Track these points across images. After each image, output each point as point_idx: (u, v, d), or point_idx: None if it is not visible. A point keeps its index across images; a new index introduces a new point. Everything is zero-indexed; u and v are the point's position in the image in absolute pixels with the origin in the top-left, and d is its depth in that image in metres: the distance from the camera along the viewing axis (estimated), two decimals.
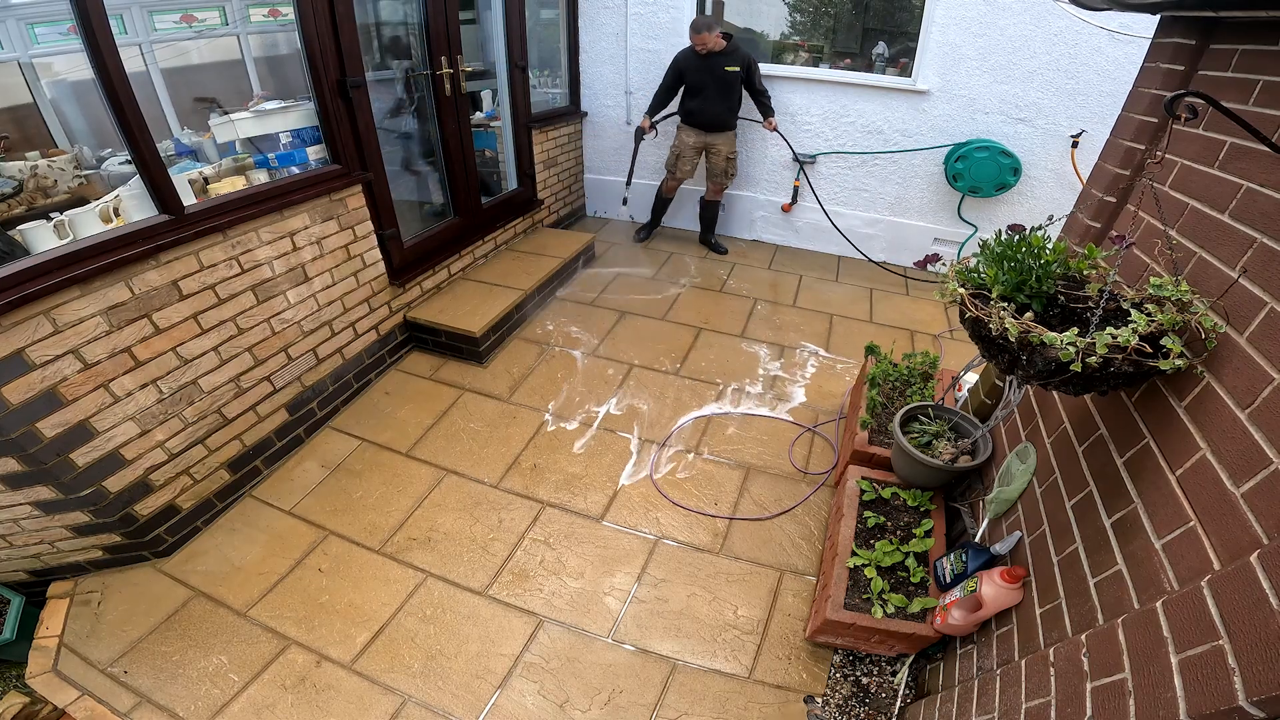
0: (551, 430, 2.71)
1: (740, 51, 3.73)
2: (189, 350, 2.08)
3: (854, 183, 4.22)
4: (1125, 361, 1.02)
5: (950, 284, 1.26)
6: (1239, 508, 0.89)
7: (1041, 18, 3.34)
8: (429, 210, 3.56)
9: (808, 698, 1.77)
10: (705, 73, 3.74)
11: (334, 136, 2.49)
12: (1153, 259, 1.33)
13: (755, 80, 3.83)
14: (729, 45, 3.69)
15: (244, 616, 1.96)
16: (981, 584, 1.47)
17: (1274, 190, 1.03)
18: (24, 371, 1.65)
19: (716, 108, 3.85)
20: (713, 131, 3.96)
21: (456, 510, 2.32)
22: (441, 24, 2.96)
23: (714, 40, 3.63)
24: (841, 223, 4.33)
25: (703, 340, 3.39)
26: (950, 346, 3.44)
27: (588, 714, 1.71)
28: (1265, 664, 0.71)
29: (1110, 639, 0.99)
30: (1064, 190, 3.72)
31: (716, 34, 3.63)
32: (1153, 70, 1.52)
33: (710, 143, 4.00)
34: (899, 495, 2.02)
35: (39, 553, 2.05)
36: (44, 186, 2.35)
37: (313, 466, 2.52)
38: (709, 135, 3.98)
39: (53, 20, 2.65)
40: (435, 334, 3.13)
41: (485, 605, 1.99)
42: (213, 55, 3.36)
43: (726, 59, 3.69)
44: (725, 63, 3.69)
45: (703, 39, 3.61)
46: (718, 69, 3.70)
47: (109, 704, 1.73)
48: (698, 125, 3.96)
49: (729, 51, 3.69)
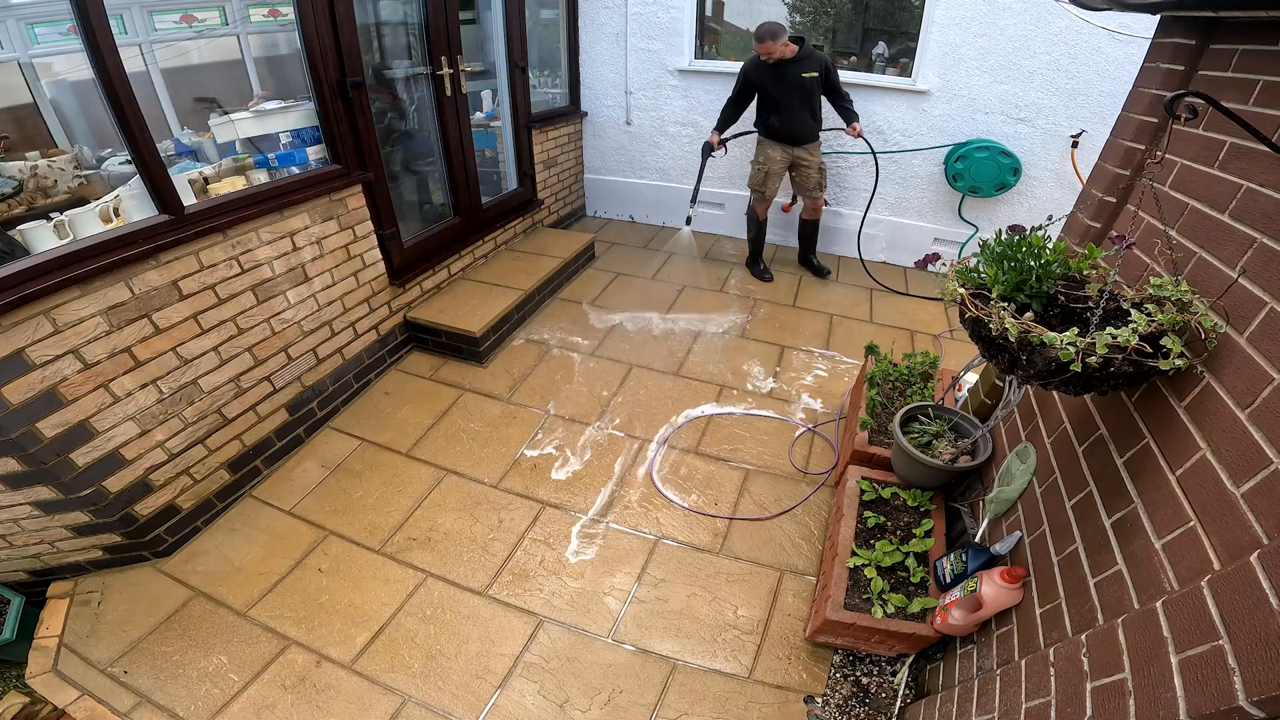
0: (552, 430, 2.71)
1: (815, 55, 3.41)
2: (189, 350, 2.08)
3: (854, 183, 4.22)
4: (1125, 361, 1.02)
5: (950, 284, 1.26)
6: (1239, 508, 0.89)
7: (1041, 18, 3.34)
8: (429, 210, 3.56)
9: (808, 698, 1.77)
10: (782, 82, 3.43)
11: (334, 136, 2.49)
12: (1153, 259, 1.33)
13: (835, 82, 3.50)
14: (802, 50, 3.37)
15: (244, 616, 1.96)
16: (981, 584, 1.47)
17: (1274, 190, 1.03)
18: (24, 371, 1.65)
19: (802, 119, 3.54)
20: (800, 145, 3.65)
21: (456, 510, 2.32)
22: (441, 24, 2.96)
23: (781, 48, 3.32)
24: (842, 223, 4.33)
25: (703, 340, 3.39)
26: (950, 346, 3.44)
27: (588, 714, 1.71)
28: (1265, 664, 0.71)
29: (1110, 639, 0.99)
30: (1064, 190, 3.72)
31: (784, 41, 3.31)
32: (1153, 70, 1.52)
33: (798, 156, 3.68)
34: (899, 495, 2.02)
35: (39, 553, 2.05)
36: (44, 186, 2.35)
37: (313, 466, 2.52)
38: (796, 149, 3.66)
39: (53, 20, 2.65)
40: (435, 334, 3.13)
41: (485, 605, 1.99)
42: (213, 55, 3.36)
43: (802, 65, 3.38)
44: (801, 69, 3.38)
45: (768, 48, 3.30)
46: (794, 77, 3.40)
47: (109, 704, 1.73)
48: (783, 140, 3.64)
49: (803, 57, 3.37)
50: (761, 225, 4.03)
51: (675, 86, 4.31)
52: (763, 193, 3.83)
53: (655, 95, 4.39)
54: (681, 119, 4.41)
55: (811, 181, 3.77)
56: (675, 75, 4.26)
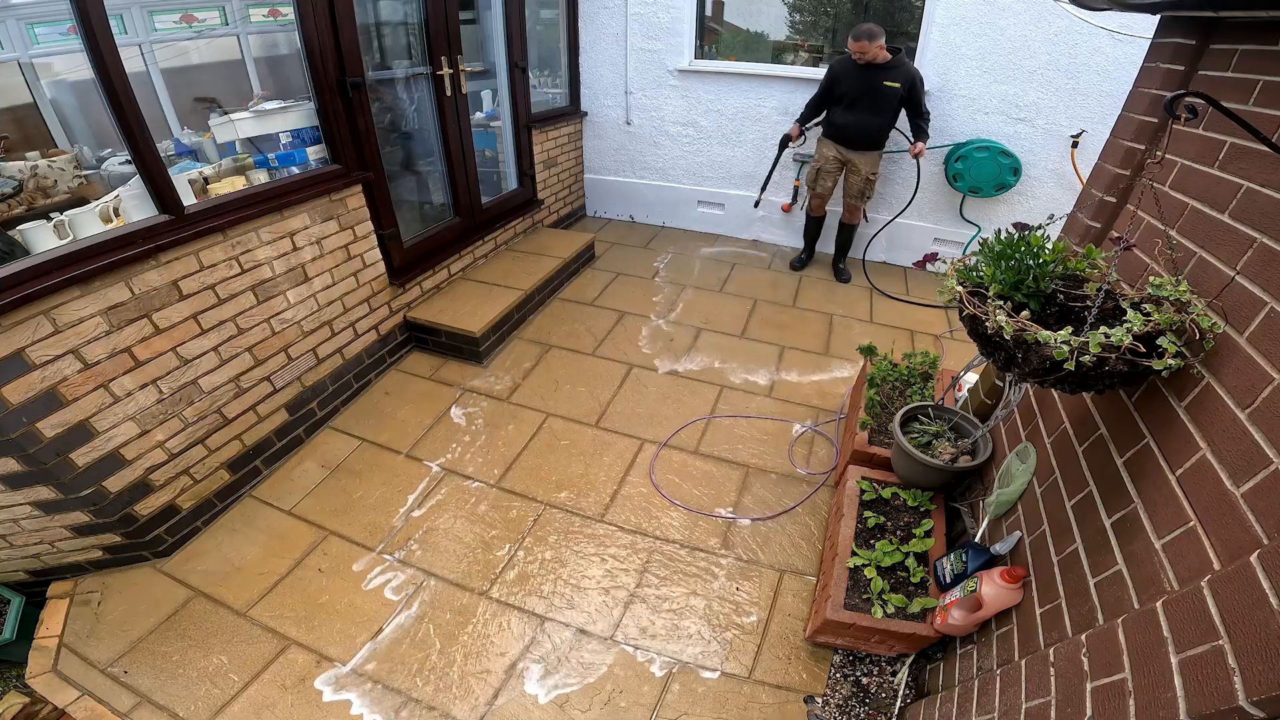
0: (552, 430, 2.71)
1: (906, 67, 3.39)
2: (189, 350, 2.08)
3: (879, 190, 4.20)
4: (1120, 361, 1.02)
5: (949, 281, 1.27)
6: (1239, 508, 0.89)
7: (1041, 18, 3.34)
8: (429, 210, 3.56)
9: (808, 698, 1.77)
10: (860, 83, 3.43)
11: (334, 136, 2.49)
12: (1153, 259, 1.33)
13: (919, 100, 3.46)
14: (894, 60, 3.37)
15: (244, 616, 1.96)
16: (981, 584, 1.47)
17: (1274, 190, 1.03)
18: (24, 371, 1.65)
19: (865, 123, 3.54)
20: (856, 149, 3.66)
21: (456, 510, 2.32)
22: (441, 24, 2.96)
23: (875, 51, 3.30)
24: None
25: (703, 340, 3.39)
26: (950, 346, 3.44)
27: (588, 714, 1.71)
28: (1265, 664, 0.71)
29: (1110, 639, 0.99)
30: (1064, 190, 3.72)
31: (879, 44, 3.29)
32: (1153, 70, 1.52)
33: (851, 159, 3.70)
34: (899, 495, 2.02)
35: (39, 553, 2.05)
36: (44, 186, 2.35)
37: (313, 466, 2.52)
38: (850, 152, 3.68)
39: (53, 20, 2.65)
40: (435, 334, 3.13)
41: (485, 605, 1.99)
42: (213, 55, 3.36)
43: (888, 73, 3.37)
44: (886, 77, 3.37)
45: (862, 47, 3.28)
46: (876, 81, 3.39)
47: (109, 704, 1.73)
48: (840, 140, 3.68)
49: (893, 65, 3.36)
50: (813, 221, 4.13)
51: (675, 86, 4.31)
52: (814, 189, 3.91)
53: (655, 95, 4.39)
54: (681, 119, 4.42)
55: (855, 189, 3.79)
56: (675, 75, 4.26)
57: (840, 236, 4.13)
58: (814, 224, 4.14)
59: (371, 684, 1.78)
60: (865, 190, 3.78)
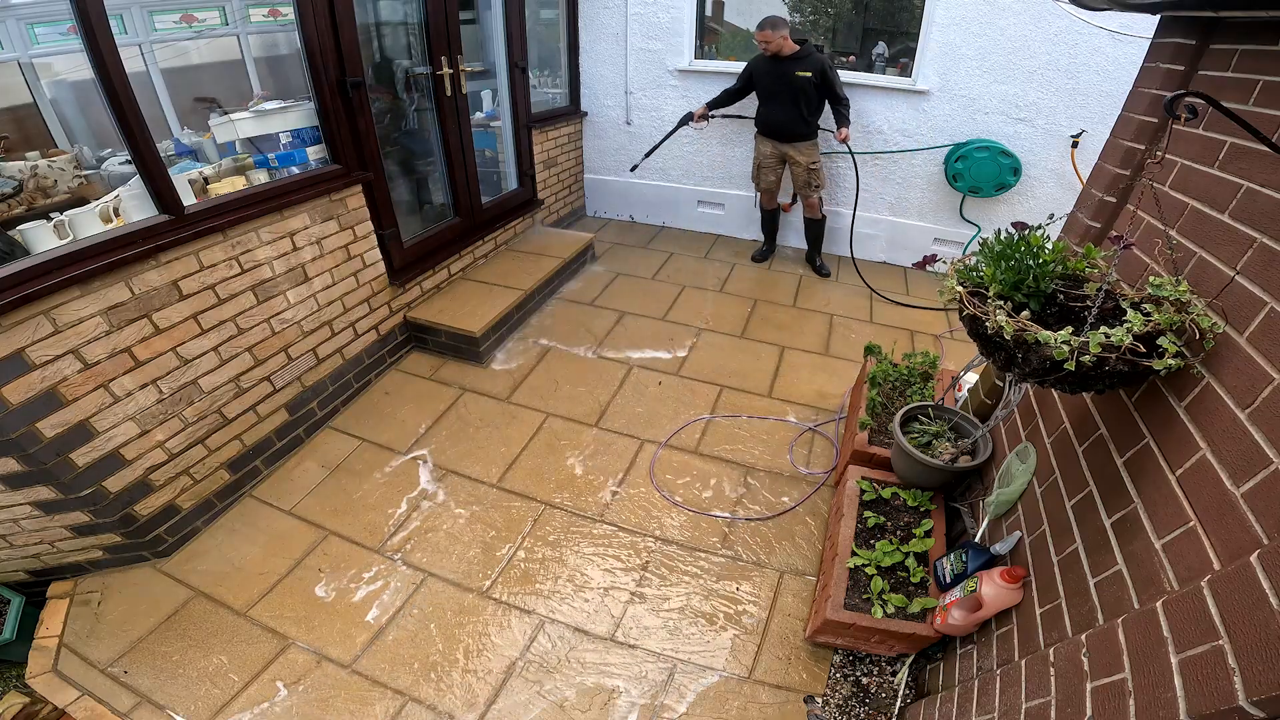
0: (551, 430, 2.71)
1: (814, 57, 3.46)
2: (189, 350, 2.08)
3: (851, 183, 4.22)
4: (1119, 361, 1.02)
5: (949, 281, 1.27)
6: (1239, 508, 0.89)
7: (1041, 18, 3.34)
8: (429, 210, 3.56)
9: (808, 698, 1.77)
10: (774, 77, 3.54)
11: (334, 136, 2.49)
12: (1153, 259, 1.33)
13: (833, 86, 3.52)
14: (802, 50, 3.45)
15: (244, 616, 1.96)
16: (981, 584, 1.47)
17: (1274, 190, 1.03)
18: (24, 371, 1.65)
19: (786, 115, 3.63)
20: (786, 140, 3.75)
21: (456, 511, 2.32)
22: (441, 24, 2.96)
23: (779, 41, 3.38)
24: (842, 222, 4.33)
25: (703, 340, 3.39)
26: (950, 347, 3.44)
27: (588, 714, 1.71)
28: (1265, 664, 0.71)
29: (1110, 639, 0.99)
30: (1064, 190, 3.72)
31: (782, 34, 3.38)
32: (1153, 70, 1.52)
33: (786, 152, 3.79)
34: (899, 495, 2.02)
35: (39, 553, 2.05)
36: (44, 186, 2.35)
37: (313, 466, 2.52)
38: (784, 144, 3.77)
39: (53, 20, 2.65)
40: (435, 334, 3.13)
41: (485, 605, 1.99)
42: (213, 55, 3.36)
43: (798, 64, 3.46)
44: (797, 67, 3.46)
45: (765, 36, 3.39)
46: (788, 74, 3.48)
47: (109, 704, 1.73)
48: (769, 134, 3.78)
49: (801, 56, 3.45)
50: (767, 215, 4.27)
51: (675, 86, 4.31)
52: (757, 183, 4.05)
53: (655, 95, 4.39)
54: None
55: (800, 180, 3.88)
56: (675, 75, 4.26)
57: (809, 232, 4.19)
58: (768, 216, 4.28)
59: (371, 684, 1.78)
60: (811, 180, 3.83)
